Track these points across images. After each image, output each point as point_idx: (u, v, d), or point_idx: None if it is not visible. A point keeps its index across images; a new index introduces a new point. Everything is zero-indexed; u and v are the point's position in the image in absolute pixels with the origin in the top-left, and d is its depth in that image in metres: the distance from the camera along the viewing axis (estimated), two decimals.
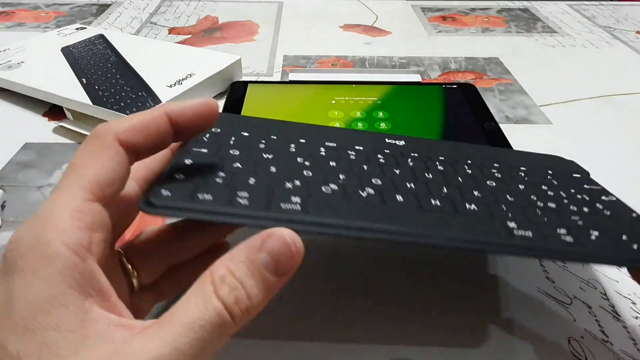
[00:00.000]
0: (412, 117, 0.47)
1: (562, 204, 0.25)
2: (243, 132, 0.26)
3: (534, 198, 0.25)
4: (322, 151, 0.26)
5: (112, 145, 0.19)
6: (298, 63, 0.61)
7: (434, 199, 0.23)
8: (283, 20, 0.75)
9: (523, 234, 0.21)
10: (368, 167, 0.25)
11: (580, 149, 0.44)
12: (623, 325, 0.28)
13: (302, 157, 0.25)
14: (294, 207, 0.20)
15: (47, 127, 0.46)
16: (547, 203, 0.25)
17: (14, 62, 0.52)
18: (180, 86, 0.47)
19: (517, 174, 0.28)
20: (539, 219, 0.23)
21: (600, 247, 0.21)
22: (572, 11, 0.80)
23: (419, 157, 0.28)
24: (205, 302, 0.16)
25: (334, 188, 0.22)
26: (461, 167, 0.27)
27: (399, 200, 0.22)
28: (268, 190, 0.21)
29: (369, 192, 0.23)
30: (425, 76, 0.57)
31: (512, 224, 0.22)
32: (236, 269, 0.17)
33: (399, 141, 0.30)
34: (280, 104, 0.49)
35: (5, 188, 0.38)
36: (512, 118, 0.49)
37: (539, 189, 0.26)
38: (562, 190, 0.27)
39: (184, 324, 0.16)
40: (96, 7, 0.77)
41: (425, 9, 0.80)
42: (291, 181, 0.22)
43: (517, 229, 0.22)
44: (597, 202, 0.26)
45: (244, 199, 0.20)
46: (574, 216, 0.24)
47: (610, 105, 0.52)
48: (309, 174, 0.23)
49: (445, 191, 0.24)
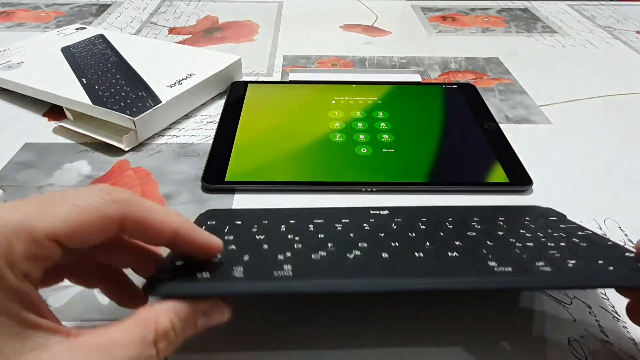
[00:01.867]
0: (412, 117, 0.47)
1: (540, 242, 0.26)
2: (236, 221, 0.29)
3: (513, 240, 0.26)
4: (310, 227, 0.28)
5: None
6: (298, 63, 0.61)
7: (418, 252, 0.24)
8: (283, 20, 0.75)
9: (503, 269, 0.22)
10: (354, 234, 0.27)
11: (580, 149, 0.44)
12: (623, 325, 0.28)
13: (292, 234, 0.27)
14: (286, 274, 0.22)
15: (47, 127, 0.46)
16: (526, 243, 0.26)
17: (14, 62, 0.52)
18: (180, 86, 0.47)
19: (496, 223, 0.29)
20: (518, 256, 0.24)
21: (578, 272, 0.22)
22: (572, 11, 0.80)
23: (402, 221, 0.29)
24: (142, 346, 0.19)
25: (323, 254, 0.24)
26: (443, 224, 0.29)
27: (384, 257, 0.24)
28: (262, 263, 0.23)
29: (356, 253, 0.24)
30: (425, 76, 0.57)
31: (492, 263, 0.23)
32: (178, 324, 0.20)
33: (383, 211, 0.31)
34: (280, 104, 0.49)
35: (5, 188, 0.38)
36: (512, 118, 0.49)
37: (517, 233, 0.28)
38: (540, 231, 0.28)
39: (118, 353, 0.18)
40: (96, 7, 0.77)
41: (425, 9, 0.80)
42: (283, 253, 0.24)
43: (498, 267, 0.23)
44: (574, 237, 0.27)
45: (240, 272, 0.22)
46: (551, 250, 0.25)
47: (610, 105, 0.52)
48: (298, 247, 0.25)
49: (428, 244, 0.25)
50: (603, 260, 0.24)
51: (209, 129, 0.46)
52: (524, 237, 0.27)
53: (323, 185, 0.38)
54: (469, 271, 0.23)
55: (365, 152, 0.42)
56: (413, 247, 0.25)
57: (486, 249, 0.25)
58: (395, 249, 0.25)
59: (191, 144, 0.44)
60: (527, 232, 0.28)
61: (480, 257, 0.24)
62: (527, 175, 0.39)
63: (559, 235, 0.27)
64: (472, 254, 0.24)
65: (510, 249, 0.25)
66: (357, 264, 0.23)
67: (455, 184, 0.39)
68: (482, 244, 0.25)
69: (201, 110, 0.49)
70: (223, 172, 0.39)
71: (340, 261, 0.23)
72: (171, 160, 0.42)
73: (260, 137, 0.44)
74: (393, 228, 0.28)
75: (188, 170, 0.40)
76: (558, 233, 0.28)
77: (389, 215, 0.31)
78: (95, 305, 0.29)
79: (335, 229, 0.28)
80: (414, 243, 0.26)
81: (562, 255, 0.24)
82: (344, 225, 0.28)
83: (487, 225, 0.29)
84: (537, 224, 0.29)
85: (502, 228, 0.29)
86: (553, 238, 0.27)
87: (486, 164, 0.41)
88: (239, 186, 0.38)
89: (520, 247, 0.25)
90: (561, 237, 0.27)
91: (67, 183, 0.39)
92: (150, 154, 0.42)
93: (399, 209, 0.32)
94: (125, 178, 0.39)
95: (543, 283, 0.22)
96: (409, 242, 0.26)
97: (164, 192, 0.38)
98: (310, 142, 0.43)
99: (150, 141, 0.44)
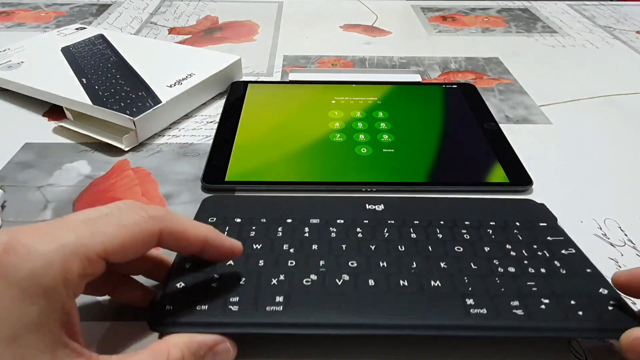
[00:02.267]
0: (412, 117, 0.47)
1: (522, 265, 0.28)
2: (236, 218, 0.32)
3: (497, 262, 0.28)
4: (306, 231, 0.30)
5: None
6: (298, 63, 0.61)
7: (403, 280, 0.27)
8: (283, 20, 0.75)
9: (479, 312, 0.25)
10: (346, 246, 0.29)
11: (580, 149, 0.44)
12: None
13: (287, 242, 0.29)
14: (277, 308, 0.24)
15: (47, 127, 0.46)
16: (508, 268, 0.28)
17: (14, 62, 0.52)
18: (180, 86, 0.47)
19: (485, 231, 0.31)
20: (497, 289, 0.26)
21: (548, 321, 0.24)
22: (572, 11, 0.80)
23: (395, 224, 0.31)
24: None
25: (314, 278, 0.26)
26: (433, 231, 0.31)
27: (370, 285, 0.26)
28: (256, 291, 0.25)
29: (345, 279, 0.27)
30: (425, 76, 0.57)
31: (470, 300, 0.25)
32: (188, 357, 0.22)
33: (378, 206, 0.33)
34: (280, 104, 0.49)
35: (5, 188, 0.38)
36: (512, 118, 0.49)
37: (503, 249, 0.29)
38: (525, 248, 0.29)
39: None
40: (96, 7, 0.77)
41: (425, 9, 0.80)
42: (276, 276, 0.26)
43: (474, 307, 0.25)
44: (556, 259, 0.29)
45: (234, 305, 0.24)
46: (529, 281, 0.27)
47: (610, 105, 0.52)
48: (292, 264, 0.27)
49: (415, 266, 0.28)
50: (575, 299, 0.25)
51: (209, 129, 0.46)
52: (508, 258, 0.29)
53: (323, 185, 0.38)
54: (446, 311, 0.25)
55: (365, 152, 0.42)
56: (399, 268, 0.27)
57: (468, 277, 0.27)
58: (382, 272, 0.27)
59: (191, 144, 0.44)
60: (513, 248, 0.29)
61: (460, 291, 0.26)
62: (527, 175, 0.39)
63: (543, 254, 0.29)
64: (453, 285, 0.26)
65: (491, 278, 0.27)
66: (343, 297, 0.25)
67: (455, 184, 0.39)
68: (465, 269, 0.28)
69: (201, 110, 0.49)
70: (223, 172, 0.39)
71: (327, 291, 0.26)
72: (171, 160, 0.42)
73: (260, 137, 0.44)
74: (385, 236, 0.30)
75: (188, 170, 0.40)
76: (542, 251, 0.29)
77: (383, 213, 0.33)
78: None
79: (330, 235, 0.30)
80: (400, 265, 0.28)
81: (539, 289, 0.26)
82: (338, 232, 0.30)
83: (476, 234, 0.31)
84: (525, 235, 0.31)
85: (490, 240, 0.30)
86: (536, 260, 0.28)
87: (486, 164, 0.41)
88: (239, 186, 0.38)
89: (501, 275, 0.27)
90: (545, 258, 0.29)
91: (67, 183, 0.39)
92: (150, 154, 0.42)
93: (394, 204, 0.34)
94: (125, 178, 0.39)
95: (514, 333, 0.24)
96: (396, 263, 0.28)
97: (164, 192, 0.38)
98: (310, 142, 0.43)
99: (150, 141, 0.44)
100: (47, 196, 0.37)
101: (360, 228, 0.31)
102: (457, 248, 0.29)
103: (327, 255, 0.28)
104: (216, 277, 0.26)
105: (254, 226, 0.31)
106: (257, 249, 0.29)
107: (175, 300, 0.25)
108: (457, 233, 0.31)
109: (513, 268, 0.28)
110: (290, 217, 0.32)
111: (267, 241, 0.29)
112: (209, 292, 0.25)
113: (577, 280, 0.27)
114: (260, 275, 0.27)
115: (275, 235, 0.30)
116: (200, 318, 0.24)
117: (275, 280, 0.26)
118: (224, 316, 0.24)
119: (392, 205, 0.33)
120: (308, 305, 0.25)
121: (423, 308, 0.25)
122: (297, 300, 0.25)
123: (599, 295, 0.26)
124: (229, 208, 0.33)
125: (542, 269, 0.28)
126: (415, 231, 0.31)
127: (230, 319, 0.24)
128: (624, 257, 0.33)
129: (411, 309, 0.25)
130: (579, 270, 0.28)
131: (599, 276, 0.27)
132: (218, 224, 0.31)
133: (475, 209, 0.33)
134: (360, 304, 0.25)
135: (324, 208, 0.33)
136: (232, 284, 0.26)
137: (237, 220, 0.31)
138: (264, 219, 0.31)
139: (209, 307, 0.24)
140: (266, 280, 0.26)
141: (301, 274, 0.27)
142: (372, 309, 0.25)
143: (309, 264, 0.28)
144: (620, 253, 0.33)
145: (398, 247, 0.29)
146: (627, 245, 0.34)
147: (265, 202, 0.34)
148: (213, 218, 0.32)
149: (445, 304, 0.25)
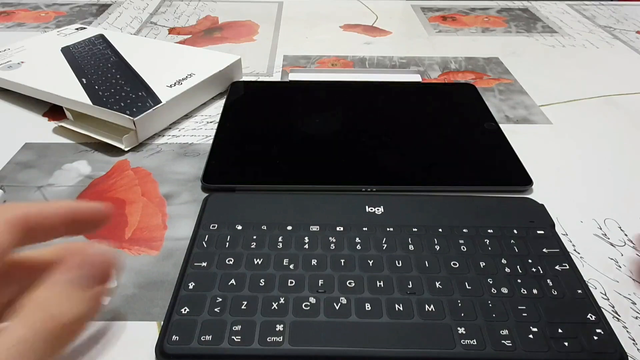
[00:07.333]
0: (412, 117, 0.47)
1: (515, 284, 0.29)
2: (237, 224, 0.32)
3: (490, 282, 0.29)
4: (305, 242, 0.31)
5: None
6: (298, 63, 0.61)
7: (398, 304, 0.27)
8: (283, 20, 0.75)
9: (468, 342, 0.26)
10: (345, 261, 0.30)
11: (580, 149, 0.44)
12: (623, 325, 0.28)
13: (287, 258, 0.30)
14: (277, 338, 0.26)
15: (47, 127, 0.46)
16: (501, 289, 0.28)
17: (14, 62, 0.52)
18: (180, 86, 0.47)
19: (482, 241, 0.32)
20: (488, 314, 0.27)
21: (534, 352, 0.25)
22: (572, 11, 0.80)
23: (393, 232, 0.32)
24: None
25: (313, 302, 0.27)
26: (431, 241, 0.31)
27: (366, 310, 0.27)
28: (257, 318, 0.26)
29: (342, 302, 0.28)
30: (425, 76, 0.57)
31: (461, 329, 0.26)
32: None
33: (377, 209, 0.34)
34: (280, 104, 0.49)
35: (5, 188, 0.38)
36: (512, 118, 0.49)
37: (499, 264, 0.30)
38: (520, 264, 0.30)
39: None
40: (96, 7, 0.77)
41: (425, 9, 0.80)
42: (277, 300, 0.27)
43: (464, 338, 0.26)
44: (549, 277, 0.29)
45: (237, 335, 0.26)
46: (520, 305, 0.28)
47: (610, 105, 0.52)
48: (292, 283, 0.28)
49: (410, 286, 0.28)
50: (563, 328, 0.26)
51: (209, 129, 0.46)
52: (503, 275, 0.29)
53: (323, 186, 0.38)
54: (437, 342, 0.26)
55: (365, 152, 0.42)
56: (395, 289, 0.28)
57: (462, 300, 0.28)
58: (379, 292, 0.28)
59: (191, 144, 0.44)
60: (508, 263, 0.30)
61: (452, 316, 0.27)
62: (527, 175, 0.39)
63: (537, 270, 0.30)
64: (447, 312, 0.27)
65: (483, 299, 0.28)
66: (339, 325, 0.26)
67: (455, 184, 0.39)
68: (459, 290, 0.28)
69: (201, 110, 0.49)
70: (223, 172, 0.39)
71: (326, 314, 0.27)
72: (171, 160, 0.42)
73: (261, 137, 0.44)
74: (383, 248, 0.31)
75: (188, 170, 0.40)
76: (537, 267, 0.30)
77: (382, 218, 0.33)
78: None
79: (329, 245, 0.31)
80: (397, 284, 0.29)
81: (529, 315, 0.27)
82: (338, 240, 0.31)
83: (472, 245, 0.31)
84: (521, 247, 0.31)
85: (487, 252, 0.31)
86: (528, 277, 0.29)
87: (486, 164, 0.41)
88: (239, 186, 0.38)
89: (493, 296, 0.28)
90: (538, 276, 0.29)
91: (67, 183, 0.39)
92: (150, 154, 0.42)
93: (393, 206, 0.34)
94: (125, 178, 0.39)
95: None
96: (392, 282, 0.29)
97: (164, 192, 0.38)
98: (310, 142, 0.43)
99: (150, 141, 0.44)
100: (47, 196, 0.37)
101: (359, 238, 0.32)
102: (453, 263, 0.30)
103: (327, 271, 0.29)
104: (219, 300, 0.27)
105: (255, 235, 0.31)
106: (258, 264, 0.30)
107: (180, 329, 0.26)
108: (453, 244, 0.31)
109: (506, 289, 0.28)
110: (291, 224, 0.32)
111: (268, 257, 0.30)
112: (213, 320, 0.26)
113: (567, 304, 0.28)
114: (261, 299, 0.28)
115: (276, 247, 0.31)
116: (206, 350, 0.25)
117: (275, 304, 0.27)
118: (228, 348, 0.25)
119: (392, 208, 0.34)
120: (306, 335, 0.26)
121: (417, 337, 0.26)
122: (296, 330, 0.26)
123: (586, 321, 0.27)
124: (230, 207, 0.33)
125: (534, 290, 0.28)
126: (413, 241, 0.31)
127: (233, 351, 0.25)
128: (624, 257, 0.33)
129: (403, 337, 0.26)
130: (569, 293, 0.28)
131: (589, 298, 0.28)
132: (220, 230, 0.32)
133: (475, 210, 0.33)
134: (356, 334, 0.26)
135: (324, 210, 0.33)
136: (234, 308, 0.27)
137: (238, 227, 0.32)
138: (264, 226, 0.32)
139: (212, 338, 0.25)
140: (266, 304, 0.27)
141: (301, 297, 0.28)
142: (366, 339, 0.26)
143: (309, 283, 0.29)
144: (620, 253, 0.33)
145: (395, 262, 0.30)
146: (627, 245, 0.34)
147: (266, 202, 0.34)
148: (214, 225, 0.32)
149: (437, 333, 0.26)
